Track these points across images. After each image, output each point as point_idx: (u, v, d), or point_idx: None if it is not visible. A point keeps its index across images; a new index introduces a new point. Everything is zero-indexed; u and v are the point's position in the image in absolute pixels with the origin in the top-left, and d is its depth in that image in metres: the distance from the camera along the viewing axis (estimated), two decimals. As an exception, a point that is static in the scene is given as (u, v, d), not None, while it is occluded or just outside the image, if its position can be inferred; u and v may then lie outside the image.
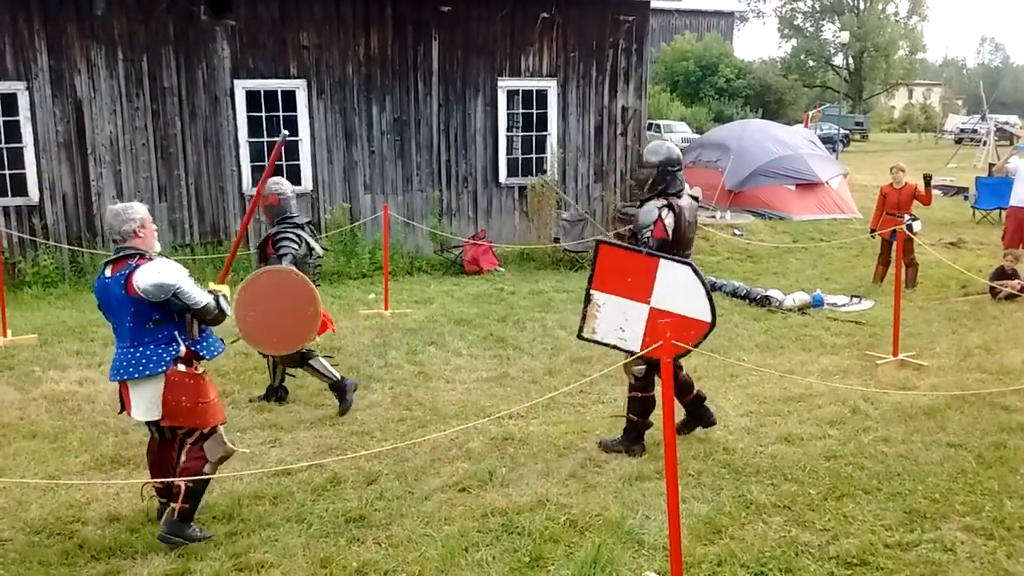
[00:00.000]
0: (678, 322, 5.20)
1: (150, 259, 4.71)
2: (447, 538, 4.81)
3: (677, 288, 5.39)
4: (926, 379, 7.59)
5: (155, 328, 4.69)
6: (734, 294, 11.02)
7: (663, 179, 5.94)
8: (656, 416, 6.41)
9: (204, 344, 4.87)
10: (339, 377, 7.00)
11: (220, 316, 4.83)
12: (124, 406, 4.89)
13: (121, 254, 4.70)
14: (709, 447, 6.10)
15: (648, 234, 5.79)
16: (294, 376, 7.32)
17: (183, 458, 4.88)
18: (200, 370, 4.86)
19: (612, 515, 5.04)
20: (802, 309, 10.35)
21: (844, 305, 10.61)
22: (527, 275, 12.98)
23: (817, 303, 10.51)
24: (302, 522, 5.04)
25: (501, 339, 9.14)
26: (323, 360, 7.07)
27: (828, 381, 7.40)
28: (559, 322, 9.81)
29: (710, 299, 5.39)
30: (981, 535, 4.81)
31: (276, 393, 7.25)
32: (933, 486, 5.40)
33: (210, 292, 4.85)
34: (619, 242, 5.62)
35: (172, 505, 4.82)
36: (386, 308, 10.43)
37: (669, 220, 5.85)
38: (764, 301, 10.55)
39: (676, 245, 5.84)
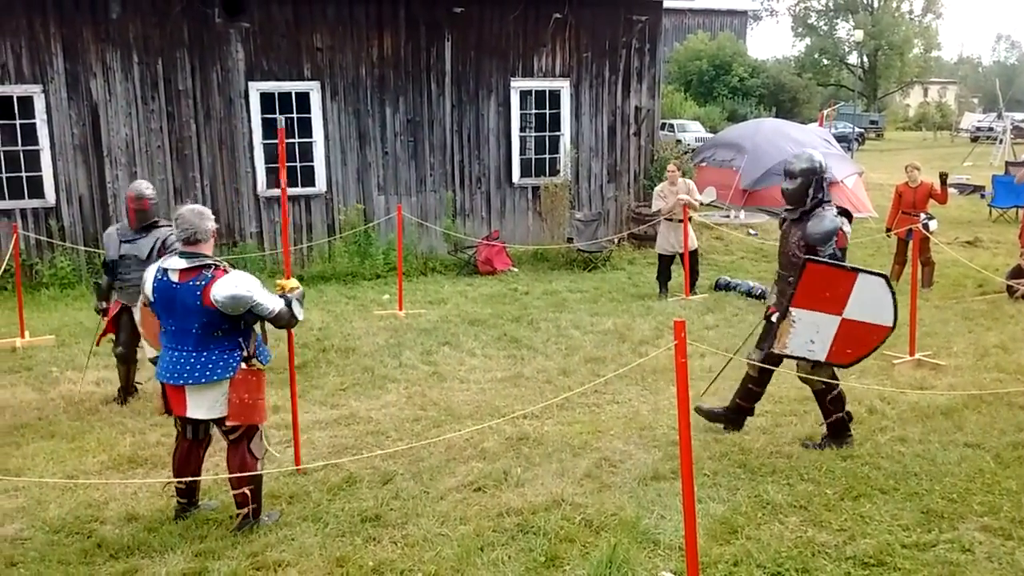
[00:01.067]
0: (865, 330, 5.65)
1: (225, 270, 4.74)
2: (463, 537, 4.82)
3: (868, 297, 5.58)
4: (943, 379, 7.54)
5: (223, 336, 4.75)
6: (749, 294, 11.00)
7: (821, 187, 5.87)
8: (671, 415, 6.40)
9: (259, 351, 4.94)
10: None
11: (294, 320, 4.92)
12: (168, 407, 4.93)
13: (196, 263, 4.70)
14: (725, 447, 6.08)
15: (833, 246, 5.71)
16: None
17: (230, 467, 4.94)
18: (257, 367, 4.92)
19: (627, 515, 5.03)
20: (817, 309, 10.29)
21: (860, 304, 10.55)
22: (541, 275, 12.99)
23: (832, 302, 10.45)
24: (318, 521, 5.06)
25: (515, 339, 9.14)
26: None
27: (844, 381, 7.34)
28: (573, 322, 9.81)
29: (895, 305, 5.67)
30: (999, 535, 4.77)
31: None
32: (950, 486, 5.36)
33: (284, 294, 4.93)
34: (825, 260, 5.62)
35: (240, 511, 4.92)
36: (400, 308, 10.46)
37: (848, 228, 5.85)
38: (779, 301, 10.51)
39: (845, 253, 5.86)
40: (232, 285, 4.63)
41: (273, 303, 4.77)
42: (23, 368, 8.31)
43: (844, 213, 5.89)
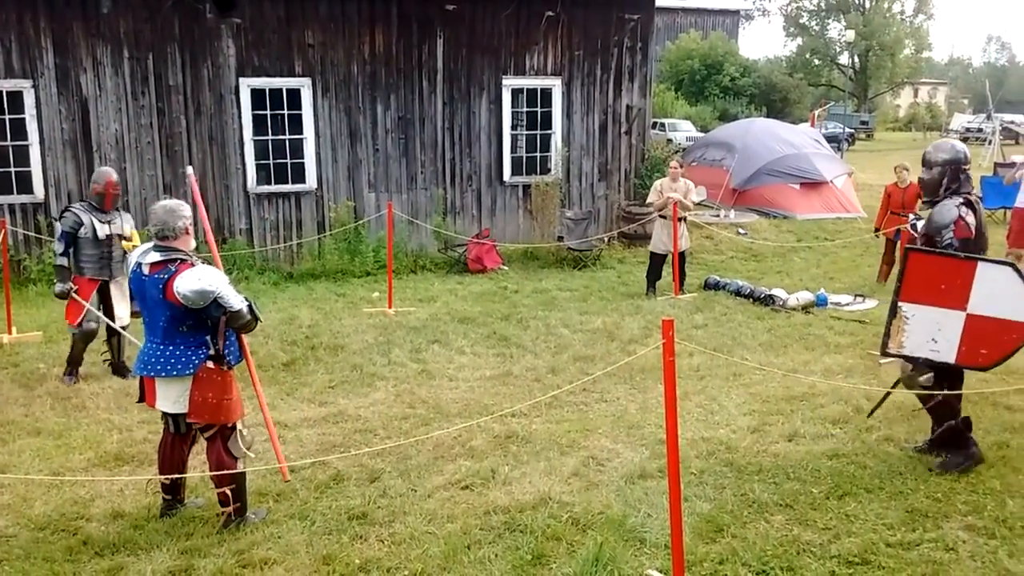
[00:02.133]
0: (998, 326, 5.11)
1: (192, 264, 4.75)
2: (449, 536, 4.83)
3: (996, 289, 5.09)
4: (929, 378, 7.56)
5: (188, 332, 4.76)
6: (738, 293, 11.01)
7: (956, 178, 5.59)
8: (659, 414, 6.42)
9: (230, 351, 4.93)
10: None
11: (252, 322, 4.88)
12: (144, 396, 4.97)
13: (163, 257, 4.73)
14: (712, 446, 6.10)
15: (950, 235, 5.38)
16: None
17: (208, 464, 4.96)
18: (225, 367, 4.91)
19: (614, 513, 5.05)
20: (806, 308, 10.34)
21: (848, 304, 10.60)
22: (531, 273, 13.00)
23: (821, 302, 10.51)
24: (305, 519, 5.06)
25: (504, 337, 9.15)
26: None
27: (831, 380, 7.40)
28: (562, 320, 9.82)
29: None
30: (983, 534, 4.80)
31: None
32: (935, 485, 5.40)
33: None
34: (931, 248, 5.26)
35: (224, 510, 4.92)
36: (390, 306, 10.45)
37: (971, 219, 5.47)
38: (768, 300, 10.55)
39: (977, 246, 5.48)
40: (195, 279, 4.64)
41: (237, 301, 4.76)
42: (10, 364, 8.27)
43: (968, 204, 5.55)
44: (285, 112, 12.91)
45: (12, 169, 11.94)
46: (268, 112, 12.83)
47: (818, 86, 56.55)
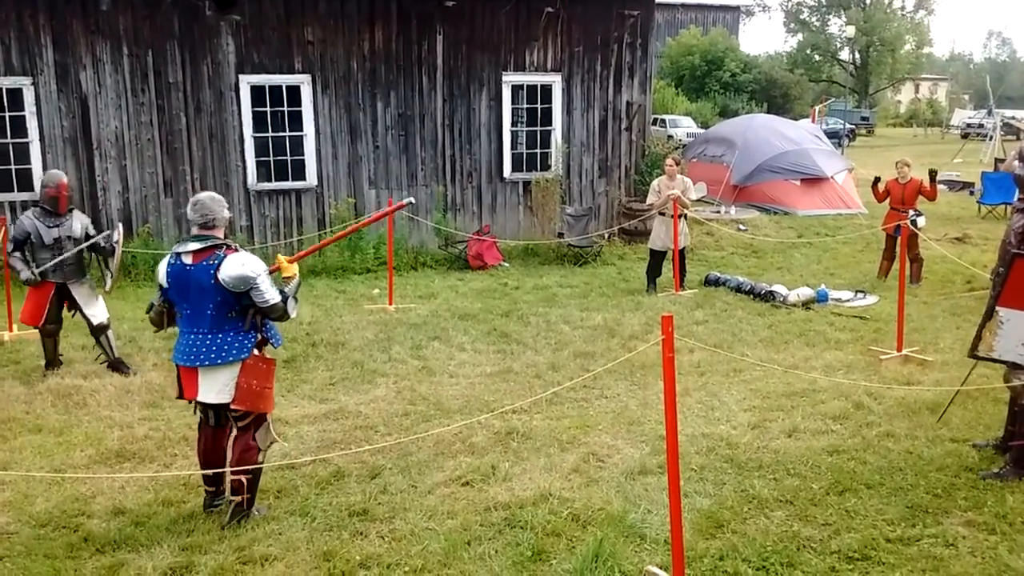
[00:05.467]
0: None
1: (236, 250, 4.81)
2: (450, 532, 4.83)
3: None
4: (930, 374, 7.58)
5: (236, 317, 4.80)
6: (738, 289, 11.01)
7: None
8: (659, 410, 6.43)
9: (273, 333, 4.99)
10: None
11: (285, 316, 4.91)
12: (182, 392, 4.96)
13: (209, 243, 4.76)
14: (712, 442, 6.11)
15: None
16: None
17: (233, 452, 4.95)
18: (268, 355, 4.92)
19: (614, 509, 5.05)
20: (806, 304, 10.34)
21: (848, 300, 10.60)
22: (531, 270, 12.99)
23: (821, 298, 10.50)
24: (306, 515, 5.07)
25: (505, 334, 9.15)
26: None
27: (832, 376, 7.40)
28: (563, 317, 9.82)
29: None
30: (983, 530, 4.81)
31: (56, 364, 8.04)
32: (935, 481, 5.40)
33: (283, 289, 4.94)
34: None
35: (233, 499, 4.93)
36: (390, 303, 10.45)
37: None
38: (768, 296, 10.54)
39: None
40: (239, 264, 4.70)
41: (272, 294, 4.79)
42: (11, 362, 8.28)
43: None
44: (285, 109, 12.91)
45: (12, 166, 11.94)
46: (268, 109, 12.83)
47: (819, 82, 56.54)
